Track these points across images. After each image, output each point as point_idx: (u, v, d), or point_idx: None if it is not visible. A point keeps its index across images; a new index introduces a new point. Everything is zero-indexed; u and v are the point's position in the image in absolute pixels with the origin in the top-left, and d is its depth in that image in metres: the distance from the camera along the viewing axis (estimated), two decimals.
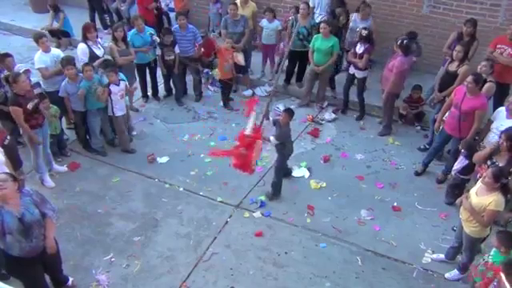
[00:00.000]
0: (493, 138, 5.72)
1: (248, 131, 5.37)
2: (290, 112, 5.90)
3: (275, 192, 6.17)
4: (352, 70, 7.58)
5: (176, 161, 6.91)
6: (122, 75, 6.75)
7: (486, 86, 6.16)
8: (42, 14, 11.16)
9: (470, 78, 5.78)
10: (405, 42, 6.91)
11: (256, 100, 6.06)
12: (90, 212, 5.96)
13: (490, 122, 5.91)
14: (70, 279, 4.92)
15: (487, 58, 6.43)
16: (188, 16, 8.54)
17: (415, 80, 7.87)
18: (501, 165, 5.06)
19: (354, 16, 7.98)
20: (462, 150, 5.79)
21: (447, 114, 6.30)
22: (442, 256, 5.35)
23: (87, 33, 7.00)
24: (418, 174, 6.67)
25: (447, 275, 5.17)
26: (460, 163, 5.85)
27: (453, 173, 6.01)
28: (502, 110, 5.79)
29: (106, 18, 10.46)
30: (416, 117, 7.71)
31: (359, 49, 7.34)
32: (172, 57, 7.78)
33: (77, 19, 10.62)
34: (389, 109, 7.37)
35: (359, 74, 7.52)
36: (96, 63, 6.85)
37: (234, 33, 8.01)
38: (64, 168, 6.64)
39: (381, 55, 8.33)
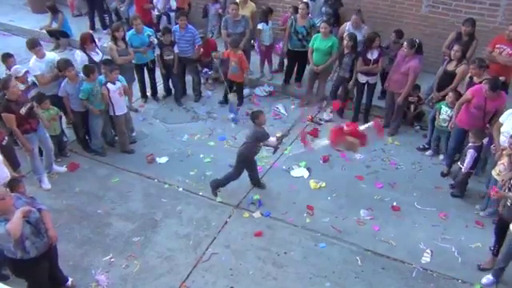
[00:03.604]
0: (504, 141, 5.63)
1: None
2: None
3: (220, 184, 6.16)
4: (363, 78, 7.40)
5: (175, 161, 6.90)
6: (121, 78, 6.74)
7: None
8: (40, 14, 11.14)
9: (486, 87, 5.81)
10: (417, 41, 6.96)
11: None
12: (90, 212, 5.96)
13: (499, 124, 5.80)
14: (70, 279, 4.92)
15: (475, 60, 6.29)
16: (188, 14, 8.53)
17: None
18: None
19: (347, 25, 7.77)
20: (471, 144, 5.92)
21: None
22: (491, 278, 5.12)
23: (84, 44, 7.00)
24: (444, 174, 6.66)
25: (484, 281, 5.06)
26: (471, 157, 5.90)
27: (464, 170, 6.02)
28: (509, 113, 5.72)
29: (105, 17, 10.47)
30: (415, 116, 7.71)
31: (372, 55, 7.25)
32: (171, 56, 7.77)
33: (75, 19, 10.69)
34: (402, 109, 7.38)
35: (372, 80, 7.44)
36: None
37: (235, 33, 7.99)
38: (63, 168, 6.63)
39: None
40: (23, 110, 5.67)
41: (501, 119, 5.83)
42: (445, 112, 6.52)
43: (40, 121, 6.08)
